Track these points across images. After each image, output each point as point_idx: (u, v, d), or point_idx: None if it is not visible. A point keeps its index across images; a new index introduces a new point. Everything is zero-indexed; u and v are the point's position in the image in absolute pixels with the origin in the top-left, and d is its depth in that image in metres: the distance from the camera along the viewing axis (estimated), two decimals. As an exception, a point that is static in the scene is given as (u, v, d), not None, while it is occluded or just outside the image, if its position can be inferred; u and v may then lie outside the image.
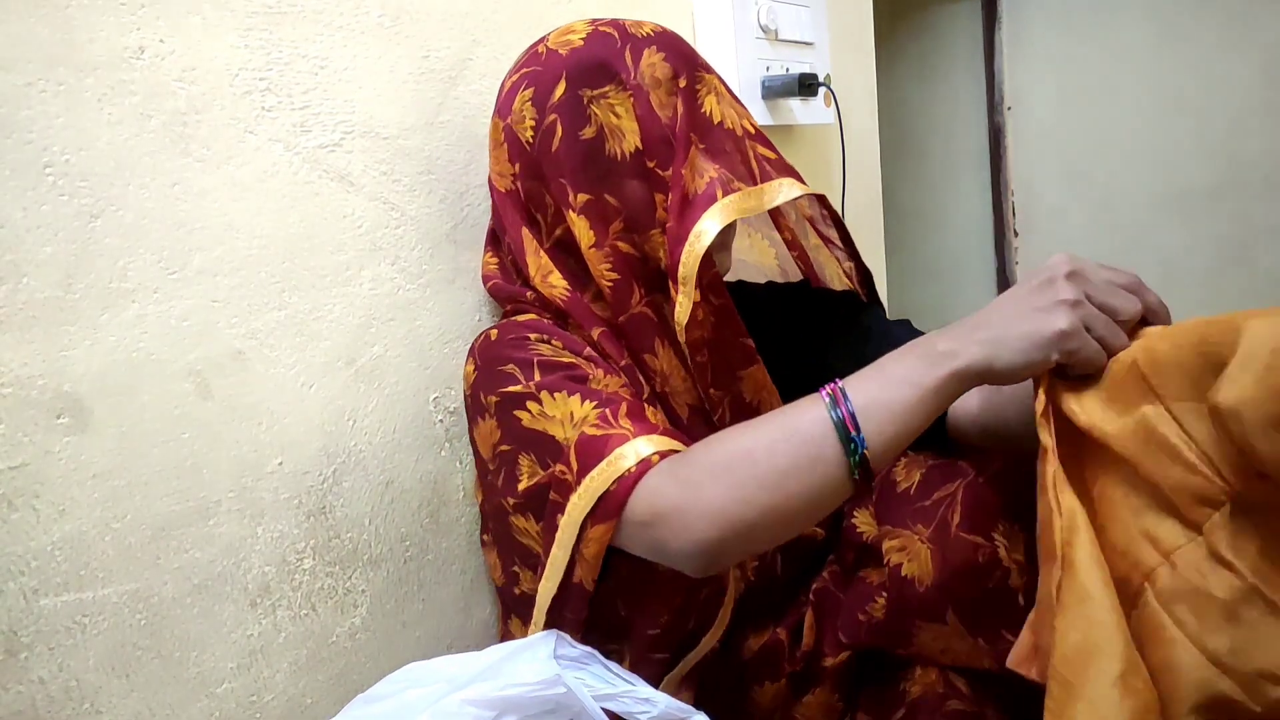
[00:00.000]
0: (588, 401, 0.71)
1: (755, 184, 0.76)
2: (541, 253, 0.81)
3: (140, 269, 0.69)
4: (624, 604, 0.75)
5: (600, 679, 0.67)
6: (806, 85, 1.23)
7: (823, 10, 1.33)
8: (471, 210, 0.91)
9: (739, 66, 1.18)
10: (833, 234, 0.94)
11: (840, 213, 1.33)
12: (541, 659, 0.67)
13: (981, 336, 0.61)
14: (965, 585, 0.73)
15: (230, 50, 0.73)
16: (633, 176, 0.76)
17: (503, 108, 0.81)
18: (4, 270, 0.62)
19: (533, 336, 0.77)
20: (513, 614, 0.82)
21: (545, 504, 0.71)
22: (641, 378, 0.79)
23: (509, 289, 0.84)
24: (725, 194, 0.74)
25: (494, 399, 0.75)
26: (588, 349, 0.78)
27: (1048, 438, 0.59)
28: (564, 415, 0.71)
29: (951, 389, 0.61)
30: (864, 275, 0.95)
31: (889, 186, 1.61)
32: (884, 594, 0.79)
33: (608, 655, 0.74)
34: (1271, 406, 0.48)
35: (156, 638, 0.70)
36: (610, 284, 0.77)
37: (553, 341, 0.77)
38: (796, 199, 0.78)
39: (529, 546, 0.76)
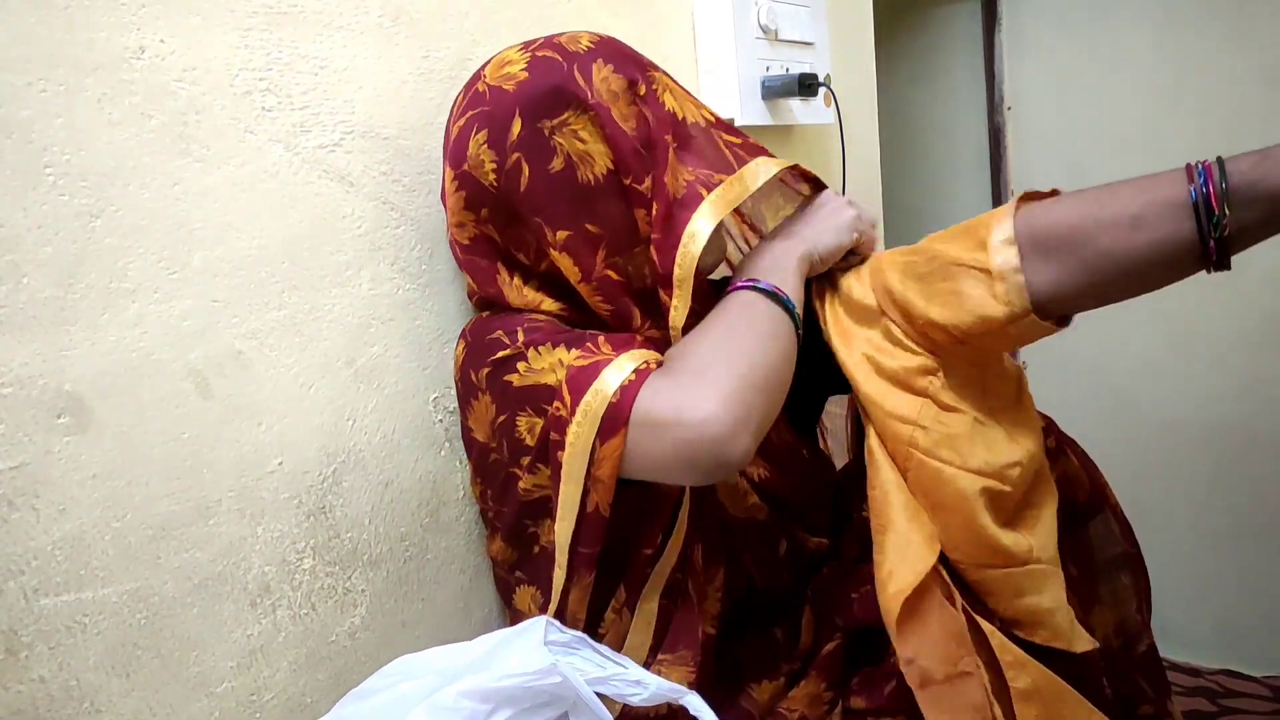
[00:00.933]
0: (574, 348, 0.72)
1: (733, 171, 0.76)
2: (525, 289, 0.79)
3: (140, 269, 0.69)
4: (621, 532, 0.76)
5: (592, 662, 0.67)
6: (806, 85, 1.23)
7: (823, 10, 1.33)
8: (471, 210, 0.92)
9: (739, 66, 1.18)
10: (805, 189, 0.93)
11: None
12: (533, 647, 0.67)
13: (804, 234, 0.81)
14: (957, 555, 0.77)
15: (230, 50, 0.73)
16: (610, 198, 0.75)
17: (454, 156, 0.78)
18: (4, 270, 0.62)
19: (525, 311, 0.78)
20: (521, 584, 0.82)
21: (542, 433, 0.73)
22: None
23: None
24: (709, 190, 0.74)
25: (485, 370, 0.75)
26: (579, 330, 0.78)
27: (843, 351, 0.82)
28: (553, 363, 0.72)
29: (804, 270, 0.80)
30: None
31: (889, 186, 1.60)
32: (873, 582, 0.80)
33: (605, 590, 0.76)
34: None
35: (156, 637, 0.70)
36: (607, 313, 0.77)
37: (545, 320, 0.78)
38: (776, 175, 0.78)
39: (546, 499, 0.76)
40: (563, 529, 0.72)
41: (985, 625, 0.73)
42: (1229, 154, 0.69)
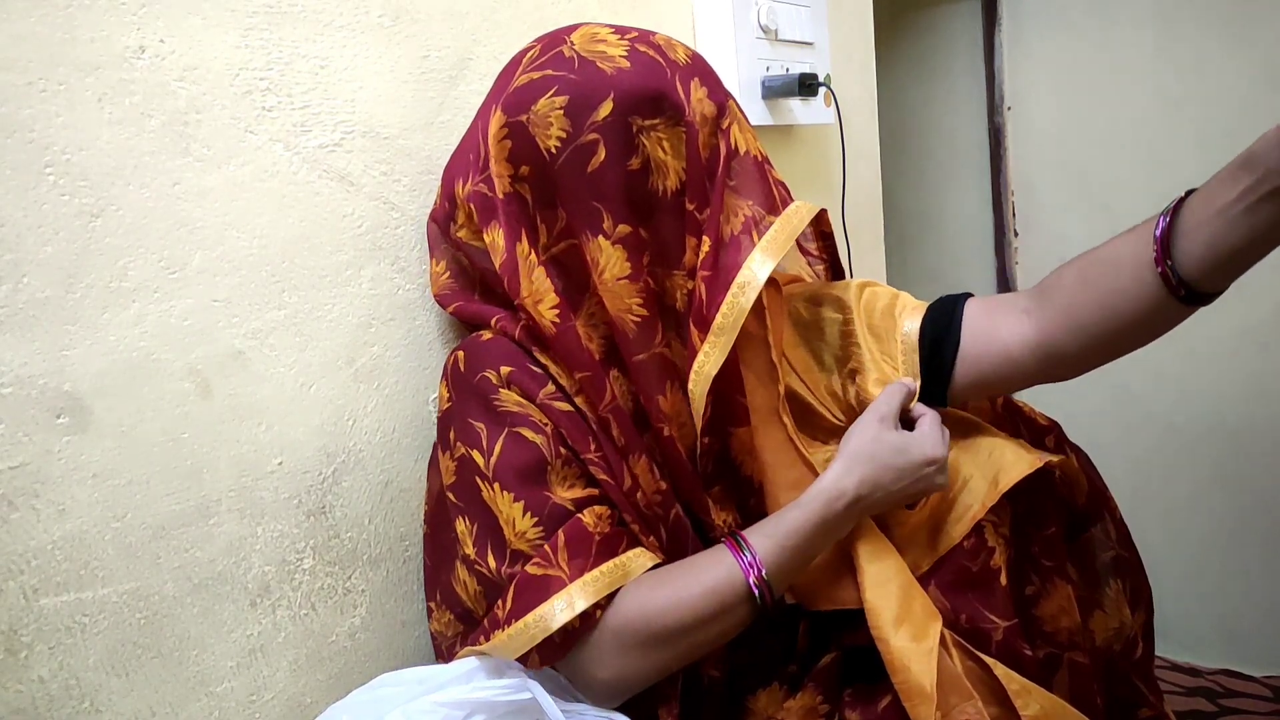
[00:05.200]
0: (529, 515, 0.72)
1: (778, 213, 0.76)
2: (536, 269, 0.76)
3: (140, 269, 0.69)
4: None
5: (565, 699, 0.71)
6: (806, 85, 1.23)
7: (823, 10, 1.33)
8: (471, 210, 0.91)
9: (739, 66, 1.18)
10: (811, 247, 0.95)
11: (841, 213, 1.33)
12: (510, 668, 0.69)
13: (874, 501, 0.76)
14: (953, 568, 0.79)
15: (230, 50, 0.73)
16: (669, 214, 0.75)
17: (512, 104, 0.75)
18: (4, 270, 0.62)
19: (493, 379, 0.76)
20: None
21: (481, 581, 0.74)
22: (610, 425, 0.77)
23: (473, 311, 0.82)
24: (760, 233, 0.74)
25: (460, 450, 0.75)
26: (547, 392, 0.76)
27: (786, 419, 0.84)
28: (508, 518, 0.72)
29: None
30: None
31: (889, 186, 1.60)
32: None
33: None
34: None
35: (156, 637, 0.70)
36: (637, 320, 0.75)
37: (513, 387, 0.76)
38: (814, 218, 0.78)
39: (461, 598, 0.76)
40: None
41: (987, 659, 0.74)
42: (1229, 150, 0.70)
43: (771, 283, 0.86)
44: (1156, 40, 1.70)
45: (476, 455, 0.74)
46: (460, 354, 0.79)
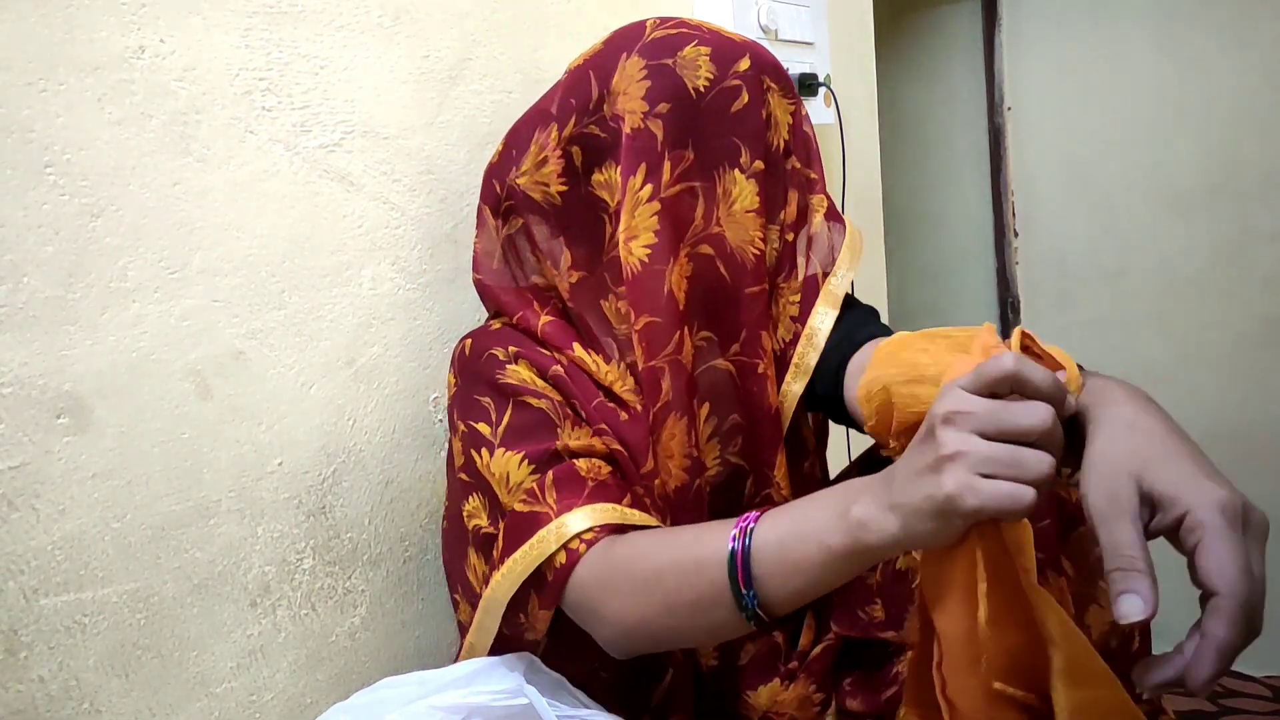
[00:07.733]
0: (525, 464, 0.71)
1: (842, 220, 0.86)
2: (643, 206, 0.75)
3: (140, 269, 0.69)
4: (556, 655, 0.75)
5: (564, 702, 0.69)
6: (806, 85, 1.23)
7: (823, 10, 1.33)
8: (471, 210, 0.91)
9: (739, 66, 1.18)
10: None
11: (841, 213, 1.33)
12: (509, 672, 0.70)
13: (893, 503, 0.54)
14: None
15: (230, 50, 0.73)
16: (777, 169, 0.81)
17: (654, 50, 0.77)
18: (4, 270, 0.62)
19: (501, 354, 0.76)
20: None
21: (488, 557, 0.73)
22: (663, 375, 0.76)
23: (495, 291, 0.81)
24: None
25: (464, 428, 0.75)
26: (556, 371, 0.76)
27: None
28: (502, 475, 0.72)
29: (859, 561, 0.57)
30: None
31: (889, 186, 1.60)
32: (879, 598, 0.80)
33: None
34: None
35: (156, 637, 0.70)
36: (757, 253, 0.78)
37: (520, 362, 0.76)
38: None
39: (473, 584, 0.75)
40: (472, 643, 0.73)
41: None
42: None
43: None
44: (1156, 40, 1.70)
45: (482, 427, 0.74)
46: (468, 341, 0.80)
